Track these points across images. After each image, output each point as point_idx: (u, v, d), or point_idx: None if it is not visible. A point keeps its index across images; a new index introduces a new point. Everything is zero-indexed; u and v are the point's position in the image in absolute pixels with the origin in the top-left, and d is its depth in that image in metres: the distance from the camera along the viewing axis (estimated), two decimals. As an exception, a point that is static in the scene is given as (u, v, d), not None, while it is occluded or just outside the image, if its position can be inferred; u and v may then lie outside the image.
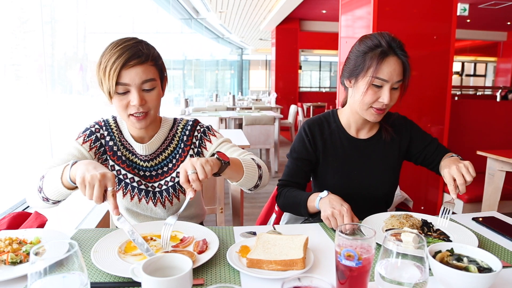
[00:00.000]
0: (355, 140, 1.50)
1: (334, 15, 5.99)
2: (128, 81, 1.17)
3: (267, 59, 19.52)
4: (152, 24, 9.00)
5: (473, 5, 6.75)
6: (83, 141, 1.30)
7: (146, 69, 1.19)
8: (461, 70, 15.30)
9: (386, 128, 1.50)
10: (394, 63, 1.31)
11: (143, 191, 1.35)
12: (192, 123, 1.41)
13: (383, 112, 1.37)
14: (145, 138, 1.36)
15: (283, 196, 1.48)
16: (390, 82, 1.31)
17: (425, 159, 1.54)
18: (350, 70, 1.39)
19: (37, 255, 0.66)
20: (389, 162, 1.51)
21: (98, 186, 0.93)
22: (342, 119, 1.52)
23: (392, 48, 1.31)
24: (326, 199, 1.24)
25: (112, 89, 1.16)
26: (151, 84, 1.21)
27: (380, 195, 1.51)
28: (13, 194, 2.63)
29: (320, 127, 1.51)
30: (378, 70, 1.30)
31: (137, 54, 1.17)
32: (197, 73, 14.58)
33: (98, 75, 1.20)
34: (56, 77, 4.22)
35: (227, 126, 5.98)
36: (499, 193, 2.61)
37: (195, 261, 0.94)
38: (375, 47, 1.32)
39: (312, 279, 0.61)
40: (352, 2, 3.31)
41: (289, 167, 1.54)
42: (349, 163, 1.49)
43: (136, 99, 1.18)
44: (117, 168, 1.33)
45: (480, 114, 3.48)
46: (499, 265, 0.80)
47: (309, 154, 1.50)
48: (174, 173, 1.37)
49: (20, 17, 3.50)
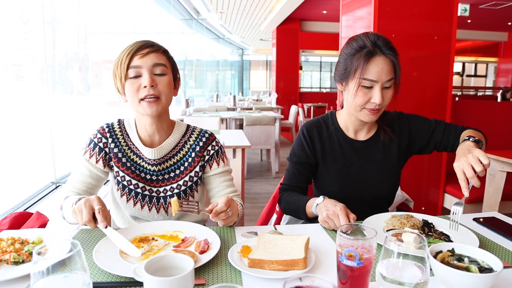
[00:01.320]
0: (353, 141, 1.50)
1: (335, 15, 5.99)
2: (140, 63, 1.22)
3: (267, 60, 19.53)
4: (152, 25, 9.01)
5: (473, 5, 6.75)
6: (90, 156, 1.33)
7: (158, 56, 1.25)
8: (461, 70, 15.29)
9: (384, 129, 1.50)
10: (382, 62, 1.29)
11: (146, 197, 1.34)
12: (208, 136, 1.42)
13: (378, 112, 1.35)
14: (155, 140, 1.35)
15: (284, 200, 1.50)
16: (380, 82, 1.29)
17: (439, 145, 1.50)
18: (340, 74, 1.39)
19: (39, 254, 0.66)
20: (389, 163, 1.50)
21: (85, 209, 1.05)
22: (340, 121, 1.52)
23: (378, 47, 1.30)
24: (321, 204, 1.27)
25: (123, 73, 1.22)
26: (162, 69, 1.25)
27: (380, 195, 1.51)
28: (14, 194, 2.63)
29: (318, 130, 1.51)
30: (365, 71, 1.29)
31: (149, 44, 1.25)
32: (197, 73, 14.59)
33: (113, 71, 1.27)
34: (57, 77, 4.22)
35: (228, 126, 5.98)
36: (500, 193, 2.61)
37: (196, 261, 0.94)
38: (361, 49, 1.31)
39: (314, 279, 0.61)
40: (353, 2, 3.32)
41: (290, 171, 1.54)
42: (348, 165, 1.48)
43: (147, 79, 1.21)
44: (122, 175, 1.33)
45: (481, 114, 3.48)
46: (500, 265, 0.80)
47: (309, 157, 1.50)
48: (181, 181, 1.37)
49: (21, 18, 3.51)
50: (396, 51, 1.33)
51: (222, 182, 1.42)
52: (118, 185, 1.34)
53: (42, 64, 3.20)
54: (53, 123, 3.09)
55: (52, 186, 2.93)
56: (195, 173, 1.38)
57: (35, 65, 3.46)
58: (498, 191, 2.62)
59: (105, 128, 1.35)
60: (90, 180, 1.33)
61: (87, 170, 1.33)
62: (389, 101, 1.35)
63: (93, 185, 1.34)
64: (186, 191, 1.37)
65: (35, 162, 3.43)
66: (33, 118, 3.62)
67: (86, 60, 5.17)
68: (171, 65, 1.30)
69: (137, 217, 1.38)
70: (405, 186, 1.84)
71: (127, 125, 1.37)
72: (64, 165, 3.19)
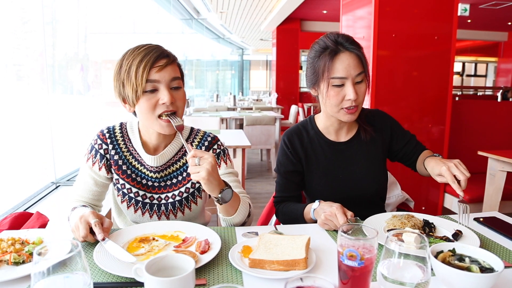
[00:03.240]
0: (335, 144, 1.49)
1: (335, 15, 5.99)
2: (158, 78, 1.16)
3: (267, 59, 19.52)
4: (153, 25, 9.00)
5: (474, 5, 6.75)
6: (93, 163, 1.31)
7: (174, 68, 1.21)
8: (461, 70, 15.27)
9: (364, 128, 1.49)
10: (347, 58, 1.29)
11: (147, 205, 1.33)
12: (210, 139, 1.39)
13: (356, 110, 1.34)
14: (160, 146, 1.33)
15: (281, 213, 1.50)
16: (349, 77, 1.29)
17: (404, 156, 1.55)
18: (310, 79, 1.40)
19: (40, 255, 0.66)
20: (373, 160, 1.49)
21: (80, 224, 1.06)
22: (320, 125, 1.51)
23: (340, 44, 1.30)
24: (318, 208, 1.27)
25: (140, 87, 1.14)
26: (178, 83, 1.21)
27: (371, 192, 1.50)
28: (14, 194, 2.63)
29: (299, 136, 1.50)
30: (332, 70, 1.29)
31: (165, 54, 1.19)
32: (197, 73, 14.57)
33: (119, 79, 1.19)
34: (57, 78, 4.22)
35: (228, 126, 5.98)
36: (500, 193, 2.61)
37: (197, 261, 0.94)
38: (324, 50, 1.32)
39: (315, 279, 0.61)
40: (353, 2, 3.31)
41: (279, 183, 1.53)
42: (333, 167, 1.48)
43: (166, 96, 1.15)
44: (122, 182, 1.31)
45: (481, 114, 3.47)
46: (501, 265, 0.80)
47: (295, 165, 1.49)
48: (182, 188, 1.34)
49: (21, 18, 3.51)
50: (359, 45, 1.34)
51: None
52: (118, 191, 1.33)
53: (42, 64, 3.20)
54: (53, 123, 3.09)
55: (52, 186, 2.92)
56: None
57: (35, 65, 3.46)
58: (498, 191, 2.62)
59: (106, 133, 1.32)
60: (96, 188, 1.32)
61: (91, 178, 1.31)
62: (363, 96, 1.35)
63: (99, 192, 1.34)
64: (188, 198, 1.35)
65: (35, 162, 3.43)
66: (33, 118, 3.61)
67: (86, 60, 5.17)
68: (181, 74, 1.27)
69: (138, 222, 1.36)
70: (405, 186, 1.84)
71: (130, 130, 1.34)
72: (64, 165, 3.19)
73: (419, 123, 3.14)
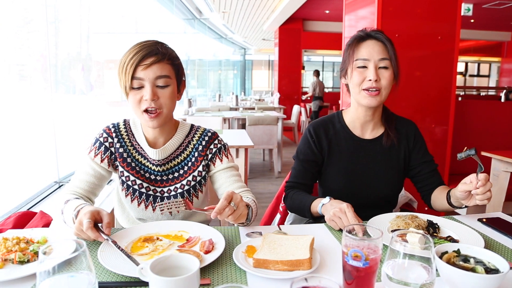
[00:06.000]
0: (360, 140, 1.51)
1: (338, 15, 5.98)
2: (143, 76, 1.21)
3: (270, 59, 19.52)
4: (155, 24, 9.01)
5: (477, 5, 6.72)
6: (95, 154, 1.33)
7: (162, 67, 1.23)
8: (464, 70, 15.23)
9: (388, 133, 1.50)
10: (373, 44, 1.38)
11: (150, 197, 1.35)
12: (210, 135, 1.42)
13: (377, 94, 1.37)
14: (160, 141, 1.36)
15: (290, 198, 1.50)
16: (372, 60, 1.36)
17: (418, 174, 1.53)
18: (341, 67, 1.50)
19: (45, 254, 0.66)
20: (393, 164, 1.51)
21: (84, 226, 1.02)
22: (347, 119, 1.53)
23: (369, 34, 1.41)
24: (328, 204, 1.27)
25: (127, 83, 1.21)
26: (165, 81, 1.23)
27: (383, 195, 1.51)
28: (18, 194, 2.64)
29: (325, 128, 1.52)
30: (357, 53, 1.39)
31: (154, 52, 1.22)
32: (200, 73, 14.58)
33: (118, 73, 1.26)
34: (60, 77, 4.23)
35: (230, 126, 5.98)
36: (504, 193, 2.61)
37: (201, 261, 0.94)
38: (354, 39, 1.42)
39: (321, 279, 0.61)
40: (356, 2, 3.31)
41: (296, 169, 1.55)
42: (353, 162, 1.49)
43: (148, 93, 1.21)
44: (126, 174, 1.34)
45: (485, 114, 3.46)
46: (506, 266, 0.80)
47: (315, 155, 1.51)
48: (184, 181, 1.37)
49: (24, 17, 3.52)
50: (388, 37, 1.41)
51: (228, 178, 1.41)
52: (123, 185, 1.35)
53: (45, 64, 3.21)
54: (56, 122, 3.09)
55: (55, 186, 2.93)
56: (198, 172, 1.38)
57: (38, 65, 3.48)
58: (502, 191, 2.61)
59: (111, 128, 1.36)
60: (93, 179, 1.33)
61: (91, 169, 1.33)
62: (386, 82, 1.38)
63: (95, 185, 1.35)
64: (189, 191, 1.38)
65: (38, 161, 3.44)
66: (36, 117, 3.63)
67: (88, 59, 5.18)
68: (175, 72, 1.28)
69: (142, 219, 1.38)
70: (409, 187, 1.83)
71: (133, 125, 1.38)
72: (67, 164, 3.19)
73: (422, 123, 3.14)
